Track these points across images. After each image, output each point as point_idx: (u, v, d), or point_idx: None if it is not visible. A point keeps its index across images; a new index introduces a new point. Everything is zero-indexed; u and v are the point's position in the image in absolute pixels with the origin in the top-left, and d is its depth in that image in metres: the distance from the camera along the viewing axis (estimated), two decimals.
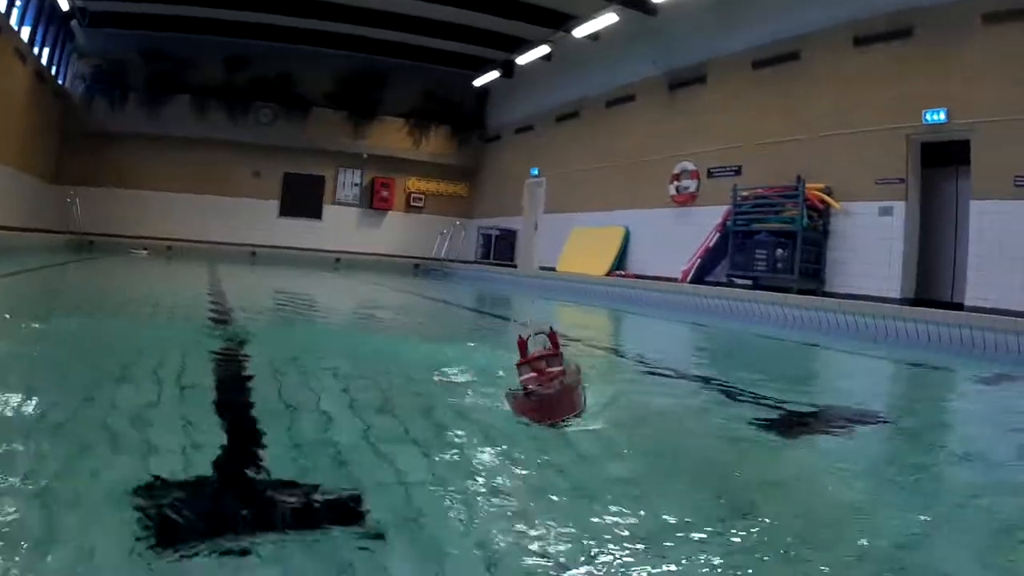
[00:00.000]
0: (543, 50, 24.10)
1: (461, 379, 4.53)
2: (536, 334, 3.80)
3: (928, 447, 3.96)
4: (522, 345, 3.66)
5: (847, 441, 3.89)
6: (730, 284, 15.97)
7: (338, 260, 27.32)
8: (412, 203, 31.34)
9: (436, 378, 4.49)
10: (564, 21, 21.82)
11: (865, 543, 2.25)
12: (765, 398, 4.79)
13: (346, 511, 2.19)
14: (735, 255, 16.14)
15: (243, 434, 3.01)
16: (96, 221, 26.25)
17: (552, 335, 3.80)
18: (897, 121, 13.63)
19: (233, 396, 3.73)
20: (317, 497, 2.26)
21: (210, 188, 29.00)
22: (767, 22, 16.74)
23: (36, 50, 23.20)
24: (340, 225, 30.61)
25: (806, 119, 15.59)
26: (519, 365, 3.64)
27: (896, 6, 13.89)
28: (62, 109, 26.81)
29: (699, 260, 17.37)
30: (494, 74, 27.48)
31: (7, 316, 6.57)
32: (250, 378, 4.32)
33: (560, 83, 24.72)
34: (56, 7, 22.75)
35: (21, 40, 21.37)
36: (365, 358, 5.50)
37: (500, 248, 27.46)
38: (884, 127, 13.85)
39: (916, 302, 12.64)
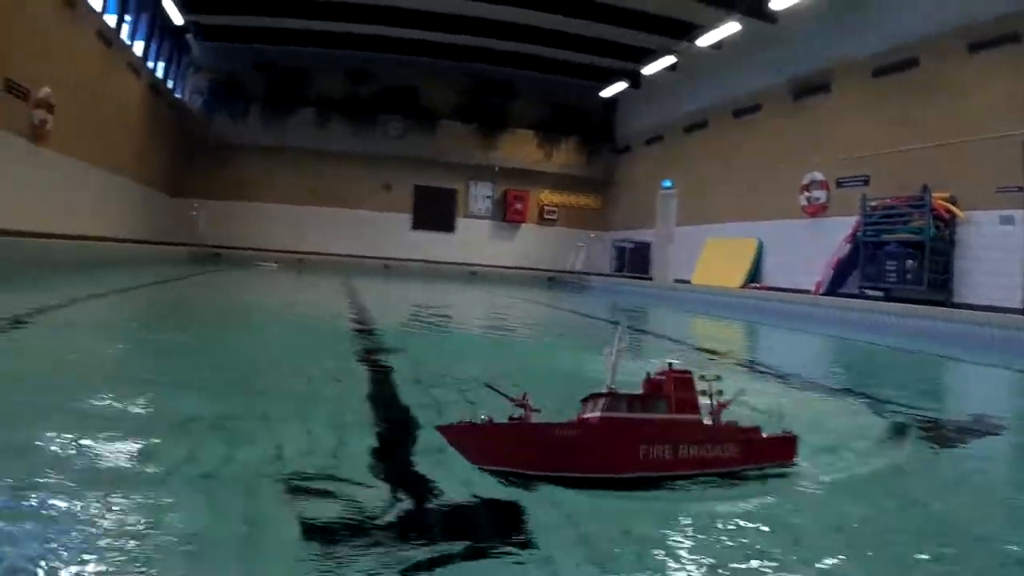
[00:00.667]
0: (668, 60, 23.95)
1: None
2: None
3: None
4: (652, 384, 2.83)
5: None
6: (862, 296, 15.55)
7: (473, 273, 27.49)
8: (545, 216, 31.45)
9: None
10: (688, 31, 21.66)
11: None
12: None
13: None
14: (866, 266, 15.75)
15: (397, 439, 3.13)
16: (220, 233, 27.06)
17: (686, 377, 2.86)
18: (1014, 128, 13.03)
19: (389, 406, 3.79)
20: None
21: (337, 201, 29.51)
22: (885, 29, 16.28)
23: (150, 64, 23.79)
24: (472, 238, 30.91)
25: (927, 127, 15.08)
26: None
27: (1004, 9, 13.31)
28: (180, 122, 27.47)
29: (831, 271, 16.96)
30: (621, 85, 27.41)
31: (163, 323, 6.98)
32: (397, 387, 4.39)
33: (687, 93, 24.52)
34: (168, 21, 23.27)
35: (134, 54, 21.98)
36: (524, 368, 5.64)
37: (634, 260, 27.29)
38: (1000, 134, 13.26)
39: None
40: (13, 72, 14.03)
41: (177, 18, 22.85)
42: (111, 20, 19.75)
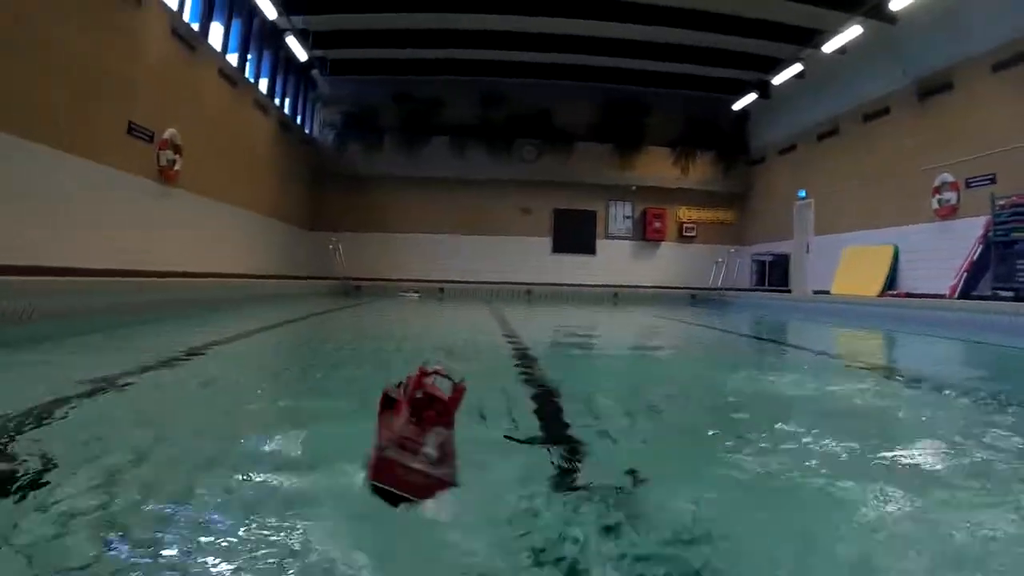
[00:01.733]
0: (796, 68, 23.64)
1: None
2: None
3: None
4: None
5: None
6: (995, 297, 15.04)
7: (616, 295, 27.55)
8: (684, 233, 31.30)
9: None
10: (811, 37, 21.42)
11: None
12: None
13: None
14: (997, 267, 15.24)
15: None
16: (359, 265, 27.70)
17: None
18: None
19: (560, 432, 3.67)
20: None
21: (477, 228, 29.92)
22: (1000, 22, 15.72)
23: (277, 101, 24.71)
24: (614, 259, 30.93)
25: None
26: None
27: None
28: (312, 157, 28.36)
29: (965, 274, 16.47)
30: (751, 96, 27.14)
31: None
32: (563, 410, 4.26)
33: (816, 100, 24.13)
34: (293, 58, 24.13)
35: (260, 92, 22.80)
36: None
37: (774, 273, 26.88)
38: None
39: None
40: (136, 116, 14.81)
41: (302, 55, 23.73)
42: (233, 59, 20.66)
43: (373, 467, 2.02)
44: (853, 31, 19.56)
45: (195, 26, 17.93)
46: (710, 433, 3.71)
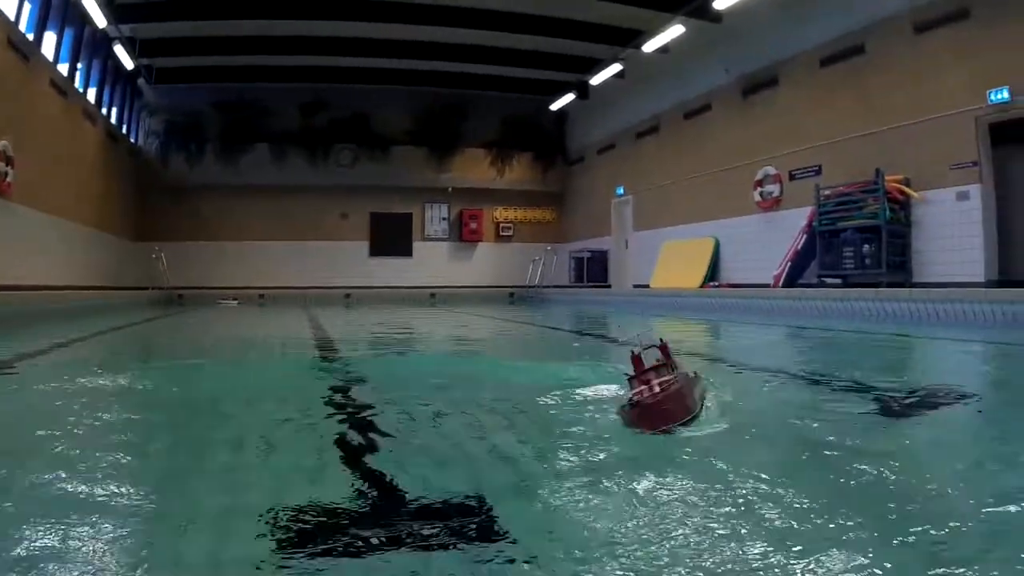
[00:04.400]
0: (615, 68, 24.10)
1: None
2: (647, 347, 3.68)
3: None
4: (636, 360, 3.53)
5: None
6: (821, 285, 15.73)
7: (433, 295, 27.55)
8: (501, 233, 31.51)
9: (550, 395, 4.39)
10: (633, 37, 21.85)
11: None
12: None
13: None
14: (824, 255, 15.93)
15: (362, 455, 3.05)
16: (183, 275, 26.96)
17: (663, 347, 3.72)
18: (964, 104, 13.29)
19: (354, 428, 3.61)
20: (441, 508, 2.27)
21: (297, 234, 29.42)
22: (830, 18, 16.47)
23: (104, 111, 23.79)
24: (431, 260, 30.89)
25: (878, 112, 15.29)
26: (630, 379, 3.51)
27: None
28: (138, 167, 27.36)
29: (789, 263, 17.15)
30: (569, 96, 27.53)
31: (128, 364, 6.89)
32: (366, 407, 4.17)
33: (636, 99, 24.72)
34: (120, 67, 23.26)
35: (88, 102, 21.97)
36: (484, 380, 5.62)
37: (593, 270, 27.45)
38: (952, 112, 13.51)
39: (1000, 284, 12.32)
40: None
41: (128, 63, 22.76)
42: (64, 69, 19.77)
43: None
44: (675, 30, 20.03)
45: (30, 36, 17.12)
46: None
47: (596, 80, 25.49)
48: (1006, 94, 12.61)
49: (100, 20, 19.15)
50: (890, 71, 15.10)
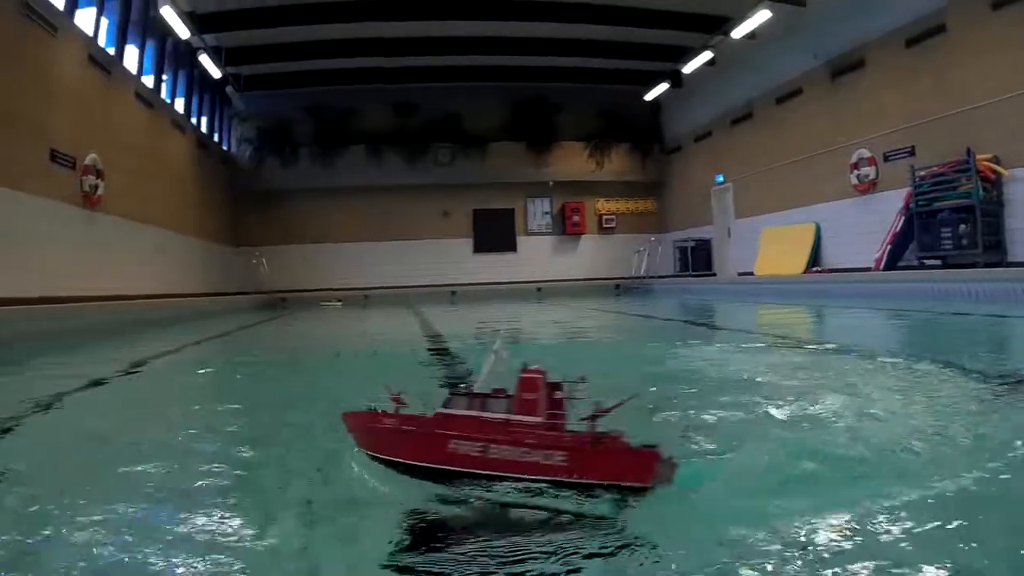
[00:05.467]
0: (706, 56, 23.92)
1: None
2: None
3: None
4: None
5: None
6: (921, 266, 15.47)
7: (539, 289, 27.60)
8: (604, 224, 31.54)
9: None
10: (720, 24, 21.73)
11: None
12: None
13: None
14: (921, 236, 15.68)
15: None
16: (284, 278, 27.68)
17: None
18: None
19: None
20: None
21: (398, 233, 29.84)
22: None
23: (194, 120, 24.45)
24: (535, 255, 31.09)
25: (962, 91, 15.00)
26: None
27: None
28: (232, 173, 28.19)
29: (889, 246, 16.86)
30: (663, 86, 27.42)
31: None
32: None
33: (729, 86, 24.53)
34: (207, 76, 23.84)
35: (176, 111, 22.62)
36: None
37: (697, 258, 27.28)
38: None
39: None
40: (57, 143, 14.59)
41: (215, 72, 23.36)
42: (148, 81, 20.34)
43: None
44: (762, 16, 19.80)
45: (111, 50, 17.67)
46: None
47: (688, 68, 25.32)
48: None
49: (183, 32, 19.66)
50: (971, 49, 14.82)
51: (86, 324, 11.80)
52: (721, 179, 26.04)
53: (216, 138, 27.32)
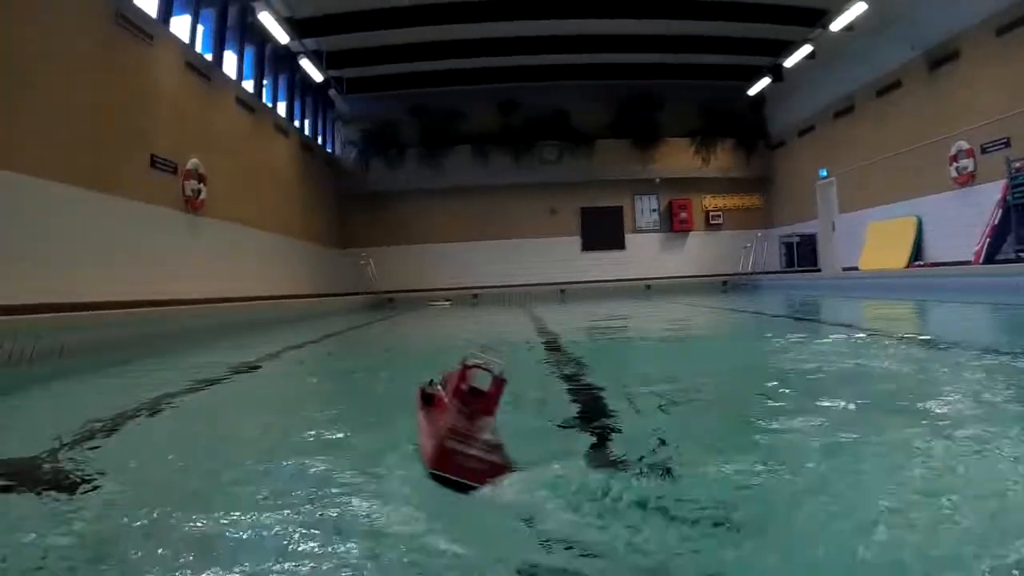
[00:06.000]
0: (806, 49, 23.60)
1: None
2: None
3: None
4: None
5: None
6: (1018, 259, 15.10)
7: (648, 287, 27.61)
8: (711, 221, 31.37)
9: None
10: (819, 17, 21.40)
11: None
12: None
13: None
14: (1019, 228, 15.32)
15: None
16: (391, 279, 28.07)
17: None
18: None
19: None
20: None
21: (502, 232, 30.18)
22: None
23: (297, 123, 25.12)
24: (643, 252, 31.06)
25: None
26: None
27: None
28: (337, 176, 28.86)
29: (987, 239, 16.52)
30: (765, 80, 27.14)
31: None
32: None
33: (829, 79, 24.21)
34: (309, 80, 24.42)
35: (278, 115, 23.27)
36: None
37: (802, 254, 26.98)
38: None
39: None
40: (158, 149, 15.19)
41: (317, 76, 23.97)
42: (249, 86, 21.04)
43: (435, 457, 2.20)
44: (858, 8, 19.52)
45: (208, 56, 18.38)
46: None
47: (789, 63, 25.04)
48: None
49: (282, 37, 20.27)
50: None
51: (202, 325, 12.19)
52: (824, 173, 25.67)
53: (320, 141, 28.09)
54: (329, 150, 29.29)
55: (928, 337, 7.50)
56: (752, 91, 28.62)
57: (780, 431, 3.02)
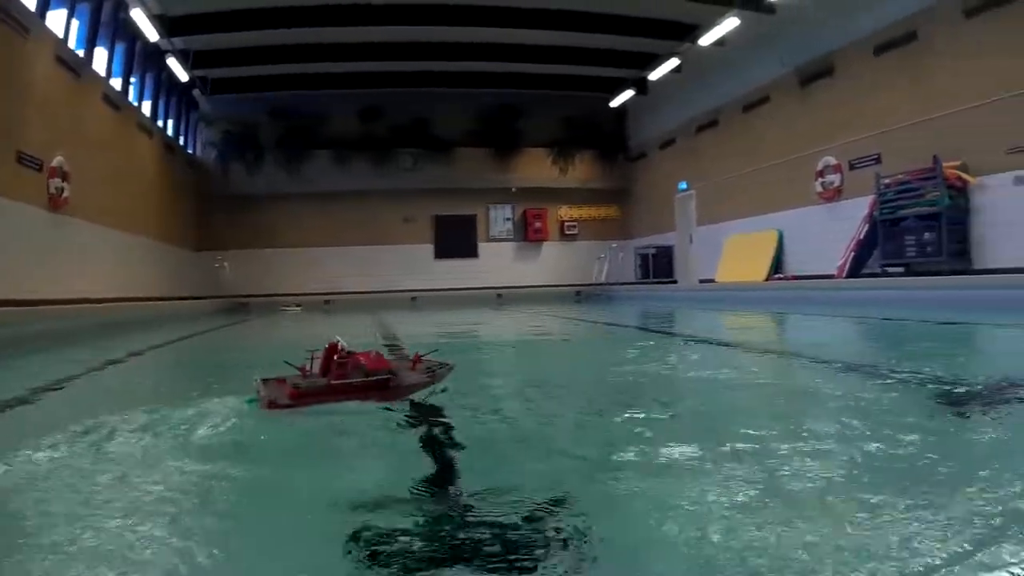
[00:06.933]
0: (673, 63, 24.01)
1: None
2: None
3: None
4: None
5: None
6: (884, 274, 15.60)
7: (499, 296, 27.55)
8: (566, 231, 31.58)
9: None
10: (688, 32, 21.76)
11: None
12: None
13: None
14: (885, 244, 15.83)
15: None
16: (247, 283, 27.55)
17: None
18: (1020, 86, 13.06)
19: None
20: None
21: (361, 239, 29.76)
22: (883, 5, 16.36)
23: (160, 123, 24.30)
24: (497, 261, 31.04)
25: (933, 97, 15.10)
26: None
27: None
28: (197, 177, 27.98)
29: (852, 253, 17.03)
30: (629, 93, 27.52)
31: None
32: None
33: (695, 93, 24.65)
34: (175, 79, 23.63)
35: (143, 115, 22.44)
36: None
37: (658, 265, 27.36)
38: (1007, 94, 13.29)
39: None
40: (25, 144, 14.48)
41: (183, 75, 23.14)
42: (116, 83, 20.21)
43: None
44: (731, 23, 19.93)
45: (80, 52, 17.53)
46: None
47: (654, 76, 25.45)
48: None
49: (152, 34, 19.53)
50: (943, 56, 14.91)
51: (50, 327, 11.58)
52: (684, 186, 26.15)
53: (182, 142, 27.12)
54: (191, 151, 28.25)
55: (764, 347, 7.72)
56: (615, 103, 28.96)
57: None
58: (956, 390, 4.08)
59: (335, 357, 3.79)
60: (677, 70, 24.42)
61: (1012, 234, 13.40)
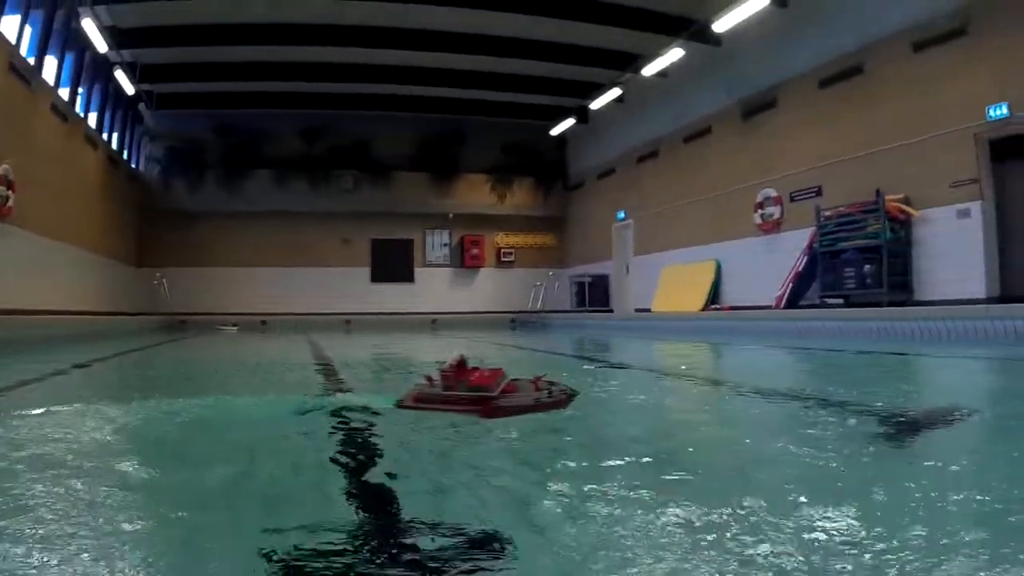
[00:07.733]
0: (614, 93, 24.19)
1: None
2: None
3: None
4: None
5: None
6: (823, 305, 15.72)
7: (434, 321, 27.41)
8: (503, 258, 31.51)
9: None
10: (631, 61, 21.94)
11: None
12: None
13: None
14: (824, 275, 15.93)
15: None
16: (186, 301, 27.08)
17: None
18: (963, 121, 13.34)
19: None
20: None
21: (299, 260, 29.41)
22: (829, 39, 16.62)
23: (105, 136, 23.90)
24: (433, 286, 30.85)
25: (876, 131, 15.36)
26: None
27: (952, 6, 13.67)
28: (139, 192, 27.54)
29: (791, 285, 17.18)
30: (569, 121, 27.63)
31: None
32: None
33: (636, 124, 24.78)
34: (121, 92, 23.26)
35: (89, 126, 22.09)
36: None
37: (594, 294, 27.37)
38: (951, 129, 13.56)
39: (1002, 300, 12.22)
40: None
41: (129, 88, 22.74)
42: (64, 93, 19.88)
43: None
44: (675, 54, 20.10)
45: (31, 60, 17.25)
46: None
47: (596, 105, 25.59)
48: (1005, 110, 12.64)
49: (101, 45, 19.17)
50: (888, 90, 15.17)
51: None
52: (622, 216, 26.23)
53: (126, 155, 26.64)
54: (134, 166, 27.76)
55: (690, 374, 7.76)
56: (555, 131, 29.05)
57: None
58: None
59: (455, 370, 4.09)
60: (619, 100, 24.62)
61: (950, 265, 13.61)
